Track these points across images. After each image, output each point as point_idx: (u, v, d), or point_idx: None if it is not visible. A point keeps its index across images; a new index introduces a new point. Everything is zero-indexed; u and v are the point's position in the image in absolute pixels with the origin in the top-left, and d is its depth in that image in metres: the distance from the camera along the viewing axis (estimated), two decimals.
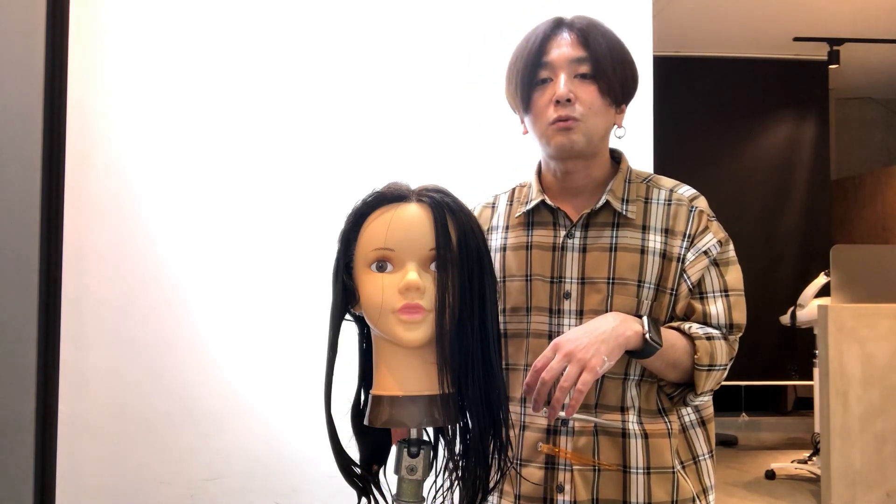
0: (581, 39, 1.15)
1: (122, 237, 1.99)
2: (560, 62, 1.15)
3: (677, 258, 1.18)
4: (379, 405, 0.93)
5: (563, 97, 1.13)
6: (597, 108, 1.15)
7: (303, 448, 1.95)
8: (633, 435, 1.15)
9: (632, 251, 1.17)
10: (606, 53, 1.15)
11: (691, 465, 1.21)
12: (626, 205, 1.20)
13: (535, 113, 1.17)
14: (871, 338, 3.55)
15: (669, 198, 1.22)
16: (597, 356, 1.02)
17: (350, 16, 2.07)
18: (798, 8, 4.78)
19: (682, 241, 1.18)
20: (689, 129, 5.45)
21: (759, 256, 5.52)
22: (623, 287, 1.16)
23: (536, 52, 1.16)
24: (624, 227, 1.19)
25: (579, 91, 1.14)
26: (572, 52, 1.15)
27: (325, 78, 2.05)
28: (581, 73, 1.15)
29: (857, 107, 6.79)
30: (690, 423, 1.23)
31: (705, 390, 1.16)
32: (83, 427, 1.93)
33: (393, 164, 2.01)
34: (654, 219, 1.20)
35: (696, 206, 1.21)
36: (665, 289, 1.17)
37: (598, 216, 1.20)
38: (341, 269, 0.95)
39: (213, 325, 1.99)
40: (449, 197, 0.95)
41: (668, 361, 1.12)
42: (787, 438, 5.78)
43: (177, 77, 2.02)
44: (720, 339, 1.17)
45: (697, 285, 1.19)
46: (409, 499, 0.94)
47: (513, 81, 1.20)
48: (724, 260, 1.21)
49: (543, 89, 1.16)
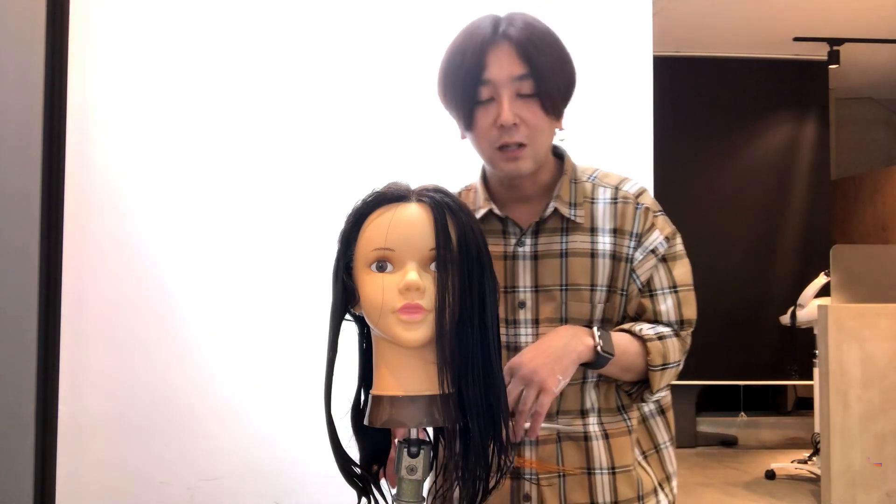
0: (521, 53, 1.09)
1: (122, 238, 1.99)
2: (501, 80, 1.09)
3: (626, 258, 1.17)
4: (379, 405, 0.93)
5: (509, 123, 1.08)
6: (542, 128, 1.12)
7: (303, 448, 1.95)
8: (595, 437, 1.17)
9: (582, 255, 1.16)
10: (548, 68, 1.10)
11: (653, 454, 1.24)
12: (574, 209, 1.18)
13: (479, 133, 1.12)
14: (871, 338, 3.55)
15: (615, 196, 1.20)
16: (552, 376, 1.04)
17: (349, 15, 2.07)
18: (798, 8, 4.78)
19: (629, 241, 1.17)
20: (689, 129, 5.45)
21: (759, 257, 5.52)
22: (576, 293, 1.16)
23: (476, 68, 1.09)
24: (573, 232, 1.17)
25: (523, 112, 1.09)
26: (513, 69, 1.08)
27: (325, 78, 2.05)
28: (523, 92, 1.09)
29: (857, 107, 6.79)
30: (650, 412, 1.25)
31: (661, 387, 1.17)
32: (83, 427, 1.93)
33: (393, 164, 2.01)
34: (602, 219, 1.18)
35: (642, 204, 1.19)
36: (616, 289, 1.17)
37: (546, 222, 1.18)
38: (341, 269, 0.95)
39: (214, 325, 1.99)
40: (449, 197, 0.95)
41: (621, 367, 1.13)
42: (787, 438, 5.78)
43: (177, 78, 2.02)
44: (671, 337, 1.17)
45: (647, 284, 1.18)
46: (409, 499, 0.94)
47: (450, 95, 1.13)
48: (671, 255, 1.20)
49: (486, 110, 1.10)
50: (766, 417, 5.97)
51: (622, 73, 2.14)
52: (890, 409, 3.51)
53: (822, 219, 5.65)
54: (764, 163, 5.62)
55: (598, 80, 2.09)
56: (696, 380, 5.29)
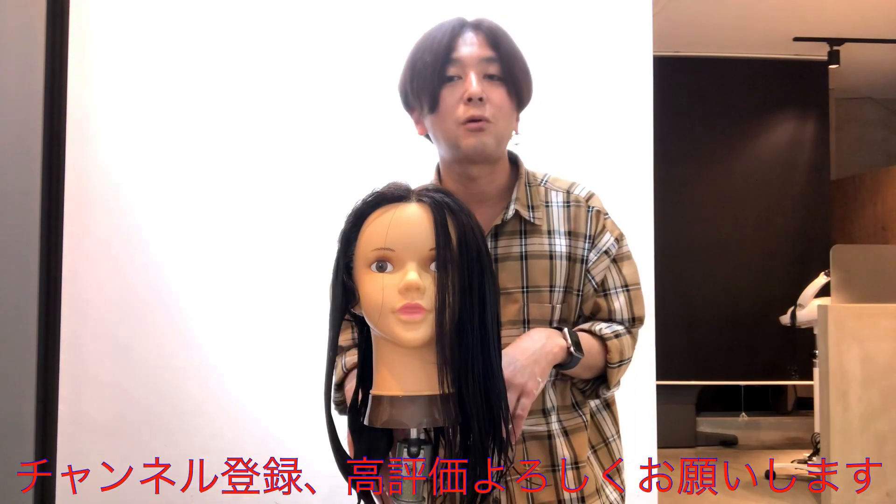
0: (490, 40, 1.14)
1: (122, 238, 1.99)
2: (470, 60, 1.13)
3: (581, 259, 1.21)
4: (379, 405, 0.94)
5: (476, 95, 1.11)
6: (506, 110, 1.15)
7: (303, 448, 1.95)
8: (557, 434, 1.21)
9: (541, 257, 1.20)
10: (515, 57, 1.15)
11: (602, 448, 1.28)
12: (533, 211, 1.21)
13: (443, 111, 1.14)
14: (871, 338, 3.55)
15: (567, 200, 1.23)
16: (531, 379, 1.06)
17: (349, 15, 2.07)
18: (798, 8, 4.78)
19: (584, 243, 1.21)
20: (689, 129, 5.45)
21: (759, 256, 5.52)
22: (537, 294, 1.19)
23: (445, 48, 1.13)
24: (531, 234, 1.20)
25: (489, 92, 1.12)
26: (482, 51, 1.13)
27: (325, 78, 2.05)
28: (490, 73, 1.13)
29: (857, 107, 6.79)
30: (597, 407, 1.29)
31: (616, 383, 1.22)
32: (83, 427, 1.93)
33: (393, 164, 2.01)
34: (557, 222, 1.22)
35: (593, 207, 1.23)
36: (572, 290, 1.21)
37: (506, 225, 1.20)
38: (341, 269, 0.95)
39: (213, 325, 1.99)
40: (449, 197, 0.96)
41: (585, 366, 1.17)
42: (787, 438, 5.78)
43: (177, 78, 2.02)
44: (626, 335, 1.21)
45: (601, 284, 1.23)
46: (409, 499, 0.94)
47: (416, 77, 1.16)
48: (620, 256, 1.25)
49: (452, 87, 1.13)
50: (766, 417, 5.97)
51: (622, 73, 2.14)
52: (890, 409, 3.51)
53: (822, 219, 5.64)
54: (764, 163, 5.61)
55: (598, 80, 2.09)
56: (695, 380, 5.29)
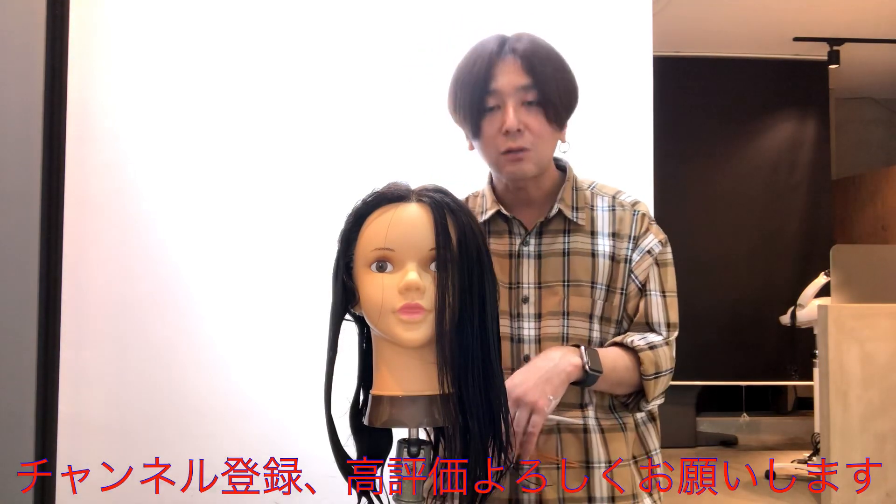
0: (526, 65, 1.17)
1: (122, 237, 1.99)
2: (507, 90, 1.17)
3: (624, 259, 1.24)
4: (379, 405, 0.94)
5: (513, 128, 1.16)
6: (545, 136, 1.19)
7: (303, 448, 1.95)
8: (593, 430, 1.22)
9: (583, 255, 1.23)
10: (552, 79, 1.18)
11: (644, 460, 1.29)
12: (576, 212, 1.25)
13: (485, 141, 1.20)
14: (871, 338, 3.54)
15: (613, 204, 1.28)
16: (542, 397, 1.08)
17: (351, 15, 2.07)
18: (798, 8, 4.78)
19: (627, 244, 1.25)
20: (689, 129, 5.45)
21: (760, 256, 5.52)
22: (578, 288, 1.22)
23: (483, 79, 1.17)
24: (575, 233, 1.25)
25: (527, 119, 1.17)
26: (518, 79, 1.17)
27: (326, 77, 2.05)
28: (528, 100, 1.17)
29: (857, 107, 6.79)
30: (642, 420, 1.30)
31: (656, 395, 1.23)
32: (83, 427, 1.93)
33: (393, 164, 2.01)
34: (601, 224, 1.26)
35: (638, 210, 1.27)
36: (615, 289, 1.24)
37: (550, 224, 1.25)
38: (341, 269, 0.95)
39: (213, 325, 1.99)
40: (449, 197, 0.96)
41: (612, 382, 1.19)
42: (787, 438, 5.78)
43: (177, 76, 2.02)
44: (662, 346, 1.22)
45: (644, 284, 1.25)
46: (409, 499, 0.94)
47: (459, 106, 1.21)
48: (664, 261, 1.27)
49: (492, 118, 1.18)
50: (766, 418, 5.97)
51: (622, 73, 2.14)
52: (890, 409, 3.51)
53: (822, 219, 5.64)
54: (764, 163, 5.62)
55: (599, 80, 2.09)
56: (695, 380, 5.29)
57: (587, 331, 1.22)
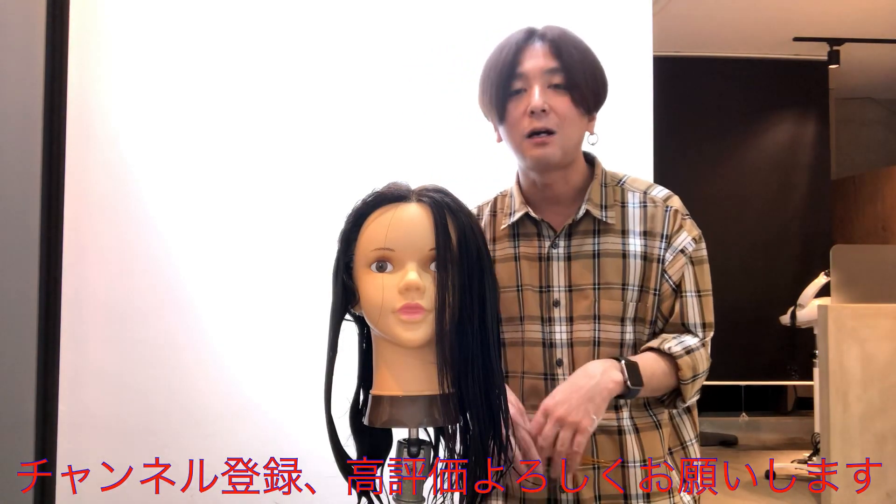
0: (553, 50, 1.17)
1: (122, 237, 1.99)
2: (534, 73, 1.16)
3: (657, 259, 1.22)
4: (379, 405, 0.94)
5: (538, 108, 1.14)
6: (571, 119, 1.17)
7: (303, 448, 1.95)
8: (628, 430, 1.21)
9: (614, 256, 1.21)
10: (578, 63, 1.17)
11: (679, 451, 1.29)
12: (606, 211, 1.22)
13: (510, 123, 1.18)
14: (871, 338, 3.54)
15: (644, 200, 1.24)
16: (586, 417, 1.07)
17: (352, 14, 2.07)
18: (798, 8, 4.78)
19: (660, 242, 1.22)
20: (689, 129, 5.45)
21: (760, 256, 5.52)
22: (608, 291, 1.20)
23: (510, 63, 1.17)
24: (605, 233, 1.22)
25: (553, 102, 1.16)
26: (545, 62, 1.16)
27: (326, 77, 2.05)
28: (554, 83, 1.16)
29: (857, 107, 6.79)
30: (677, 412, 1.30)
31: (692, 396, 1.23)
32: (83, 427, 1.93)
33: (393, 164, 2.01)
34: (632, 222, 1.23)
35: (671, 206, 1.24)
36: (648, 289, 1.21)
37: (579, 224, 1.23)
38: (341, 269, 0.95)
39: (213, 324, 1.99)
40: (449, 197, 0.96)
41: (650, 389, 1.18)
42: (787, 438, 5.78)
43: (177, 76, 2.02)
44: (699, 349, 1.21)
45: (678, 284, 1.23)
46: (409, 499, 0.94)
47: (487, 91, 1.21)
48: (698, 258, 1.25)
49: (518, 100, 1.17)
50: (766, 418, 5.97)
51: (622, 73, 2.14)
52: (890, 409, 3.51)
53: (822, 219, 5.64)
54: (764, 163, 5.61)
55: None
56: None
57: (619, 334, 1.20)
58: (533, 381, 1.22)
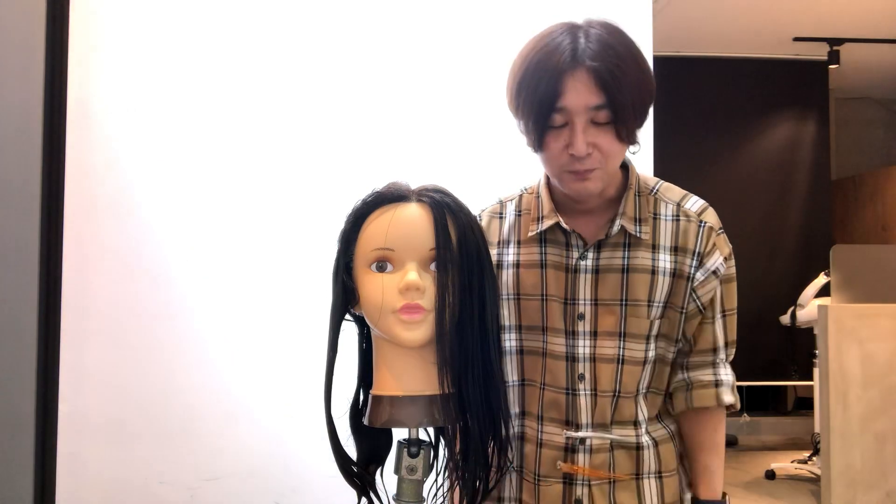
0: (599, 82, 1.04)
1: (122, 237, 1.98)
2: (577, 109, 1.05)
3: (687, 277, 1.18)
4: (379, 405, 0.94)
5: (581, 154, 1.06)
6: (614, 153, 1.10)
7: (303, 448, 1.95)
8: (647, 446, 1.19)
9: (643, 272, 1.16)
10: (627, 94, 1.05)
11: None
12: (640, 225, 1.17)
13: (548, 156, 1.10)
14: (871, 338, 3.54)
15: (677, 213, 1.20)
16: None
17: (351, 15, 2.07)
18: (798, 8, 4.78)
19: (691, 260, 1.18)
20: (689, 128, 5.45)
21: (760, 256, 5.51)
22: (635, 308, 1.16)
23: (551, 95, 1.05)
24: (635, 247, 1.17)
25: (596, 139, 1.06)
26: (589, 98, 1.04)
27: (326, 78, 2.05)
28: (599, 121, 1.06)
29: (857, 107, 6.78)
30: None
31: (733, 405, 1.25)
32: (83, 427, 1.93)
33: (393, 164, 2.01)
34: (664, 237, 1.18)
35: (705, 222, 1.19)
36: (675, 307, 1.18)
37: (610, 237, 1.18)
38: (341, 269, 0.95)
39: (213, 324, 1.99)
40: (449, 197, 0.96)
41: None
42: (787, 438, 5.78)
43: (177, 77, 2.02)
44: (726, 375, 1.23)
45: (707, 306, 1.20)
46: (409, 499, 0.94)
47: (522, 115, 1.10)
48: (727, 277, 1.23)
49: (557, 134, 1.07)
50: (766, 418, 5.96)
51: None
52: (890, 409, 3.51)
53: (822, 219, 5.64)
54: (764, 163, 5.61)
55: None
56: None
57: (643, 352, 1.17)
58: (554, 395, 1.18)
